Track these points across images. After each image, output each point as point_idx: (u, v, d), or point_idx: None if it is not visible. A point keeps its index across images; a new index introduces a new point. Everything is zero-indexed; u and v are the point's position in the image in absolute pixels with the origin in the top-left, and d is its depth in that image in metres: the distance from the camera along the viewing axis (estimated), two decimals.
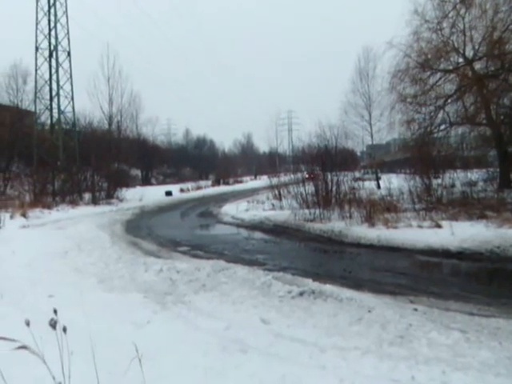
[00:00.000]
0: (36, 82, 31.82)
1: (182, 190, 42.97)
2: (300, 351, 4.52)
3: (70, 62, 31.99)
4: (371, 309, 5.84)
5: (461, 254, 9.65)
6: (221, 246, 12.39)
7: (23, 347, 1.93)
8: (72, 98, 32.05)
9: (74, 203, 27.40)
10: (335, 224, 13.86)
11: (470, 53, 16.42)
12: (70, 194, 28.74)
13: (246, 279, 7.63)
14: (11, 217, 18.63)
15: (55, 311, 2.08)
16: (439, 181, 16.24)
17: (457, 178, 16.33)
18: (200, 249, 11.99)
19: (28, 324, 2.03)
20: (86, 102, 42.08)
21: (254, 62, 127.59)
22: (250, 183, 54.07)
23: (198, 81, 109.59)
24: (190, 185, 46.31)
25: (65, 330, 2.09)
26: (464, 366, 4.05)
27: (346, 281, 7.79)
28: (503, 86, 15.39)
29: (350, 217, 14.06)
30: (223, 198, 30.22)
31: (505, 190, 15.45)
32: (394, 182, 18.28)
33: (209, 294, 6.94)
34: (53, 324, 2.02)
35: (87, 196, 29.59)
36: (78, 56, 33.36)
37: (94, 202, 28.92)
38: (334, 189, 16.51)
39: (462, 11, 15.58)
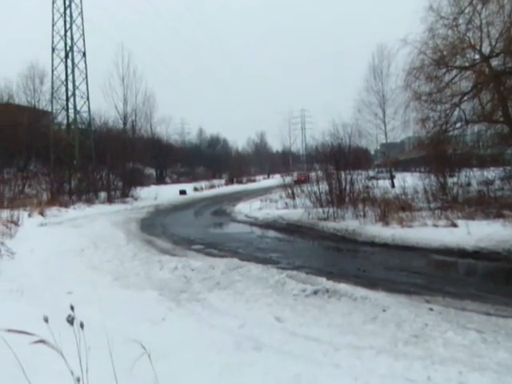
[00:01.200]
0: (52, 82, 32.25)
1: (195, 189, 43.26)
2: (314, 349, 4.50)
3: (85, 62, 32.49)
4: (386, 308, 5.82)
5: (477, 254, 9.57)
6: (235, 245, 12.46)
7: (41, 341, 1.94)
8: (87, 98, 32.48)
9: (89, 202, 27.84)
10: (349, 223, 13.88)
11: (486, 49, 16.11)
12: (85, 193, 29.11)
13: (259, 277, 7.66)
14: (29, 215, 18.93)
15: (72, 307, 2.10)
16: (455, 179, 16.12)
17: (473, 177, 16.17)
18: (214, 247, 12.07)
19: (46, 320, 2.05)
20: (102, 102, 43.16)
21: (267, 61, 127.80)
22: (263, 182, 54.23)
23: (211, 80, 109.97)
24: (203, 184, 46.58)
25: (82, 325, 2.11)
26: (481, 366, 3.99)
27: (360, 280, 7.78)
28: None
29: (364, 216, 14.05)
30: (236, 197, 30.41)
31: None
32: (409, 181, 18.18)
33: (223, 292, 6.97)
34: (70, 320, 2.05)
35: (103, 195, 29.98)
36: (93, 56, 33.85)
37: (110, 200, 29.33)
38: (347, 187, 16.52)
39: (479, 7, 15.31)
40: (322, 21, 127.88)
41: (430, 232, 11.17)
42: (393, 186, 22.67)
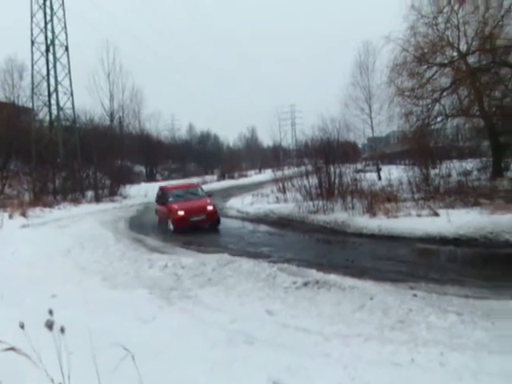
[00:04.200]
0: (33, 77, 30.79)
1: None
2: (305, 341, 4.67)
3: (68, 56, 31.14)
4: (373, 296, 6.05)
5: (457, 241, 10.06)
6: (226, 240, 12.67)
7: (11, 349, 1.95)
8: (71, 94, 31.27)
9: (76, 201, 27.05)
10: (338, 215, 14.17)
11: (463, 47, 16.82)
12: (71, 192, 28.24)
13: (251, 272, 7.77)
14: (10, 216, 18.35)
15: (51, 312, 2.07)
16: (436, 171, 16.75)
17: (453, 168, 16.76)
18: (205, 243, 12.14)
19: (22, 326, 2.04)
20: (87, 98, 41.30)
21: (257, 57, 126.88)
22: (254, 177, 53.95)
23: (201, 76, 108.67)
24: (195, 180, 46.55)
25: (63, 330, 2.03)
26: (460, 346, 4.29)
27: (349, 270, 8.06)
28: (495, 79, 15.85)
29: (353, 207, 14.42)
30: (228, 193, 30.08)
31: (497, 178, 16.01)
32: (394, 173, 18.69)
33: (214, 288, 7.06)
34: (49, 325, 1.99)
35: (90, 194, 29.09)
36: (77, 51, 32.29)
37: (97, 199, 28.56)
38: (336, 181, 16.81)
39: (456, 7, 15.95)
40: (313, 17, 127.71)
41: (414, 222, 11.56)
42: (379, 178, 23.22)
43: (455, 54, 17.07)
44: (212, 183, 46.39)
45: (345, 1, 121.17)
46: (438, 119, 17.86)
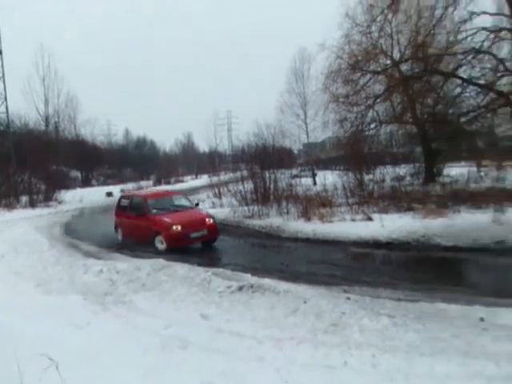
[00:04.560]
0: None
1: (123, 191, 42.09)
2: (239, 345, 4.65)
3: (1, 60, 30.12)
4: (307, 300, 5.97)
5: (390, 245, 10.22)
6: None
7: None
8: (5, 99, 30.43)
9: (10, 206, 26.26)
10: (273, 220, 14.16)
11: (397, 55, 17.29)
12: (5, 197, 27.36)
13: (186, 277, 7.63)
14: None
15: None
16: (371, 176, 17.05)
17: (387, 173, 17.15)
18: (141, 248, 11.84)
19: None
20: (21, 103, 39.90)
21: (193, 62, 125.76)
22: (191, 182, 53.63)
23: (138, 81, 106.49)
24: (131, 185, 45.39)
25: None
26: (392, 348, 4.30)
27: (284, 274, 8.05)
28: (426, 87, 16.42)
29: (288, 212, 14.42)
30: None
31: (429, 184, 16.50)
32: (329, 178, 18.87)
33: (149, 293, 6.95)
34: None
35: (24, 199, 28.33)
36: (12, 55, 31.95)
37: (32, 204, 27.78)
38: (271, 186, 16.80)
39: (389, 16, 16.31)
40: (250, 24, 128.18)
41: (348, 226, 11.69)
42: (315, 183, 23.46)
43: (389, 61, 17.47)
44: (148, 189, 45.40)
45: (285, 9, 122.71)
46: (372, 125, 18.19)
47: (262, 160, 17.37)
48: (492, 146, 18.33)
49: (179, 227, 11.38)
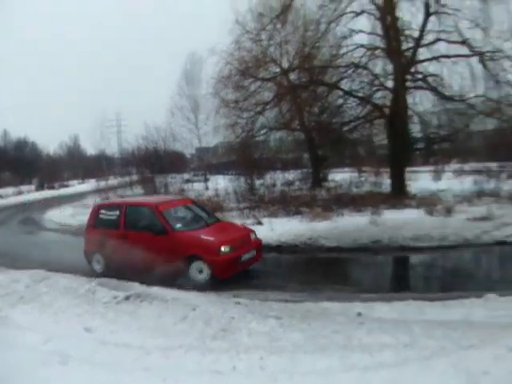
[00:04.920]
0: None
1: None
2: (124, 356, 4.53)
3: None
4: (196, 307, 5.91)
5: (279, 248, 10.49)
6: (43, 254, 11.60)
7: None
8: None
9: None
10: None
11: (286, 64, 17.88)
12: None
13: (68, 288, 7.26)
14: None
15: None
16: (262, 181, 17.47)
17: (277, 178, 17.69)
18: (20, 258, 11.18)
19: None
20: None
21: (81, 63, 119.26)
22: (77, 187, 50.81)
23: (18, 79, 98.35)
24: (10, 190, 41.84)
25: None
26: (278, 349, 4.39)
27: (172, 281, 7.77)
28: (313, 96, 17.11)
29: None
30: (48, 204, 27.81)
31: (316, 188, 17.35)
32: (221, 183, 19.07)
33: (27, 307, 6.52)
34: None
35: None
36: None
37: None
38: (162, 190, 16.54)
39: (278, 26, 16.78)
40: (143, 25, 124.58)
41: None
42: (207, 188, 23.53)
43: (278, 70, 17.99)
44: (30, 193, 42.29)
45: (181, 8, 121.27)
46: (263, 131, 18.66)
47: (153, 164, 17.00)
48: (371, 154, 19.79)
49: (228, 248, 8.09)
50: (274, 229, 11.17)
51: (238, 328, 5.08)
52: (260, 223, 12.13)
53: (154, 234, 8.41)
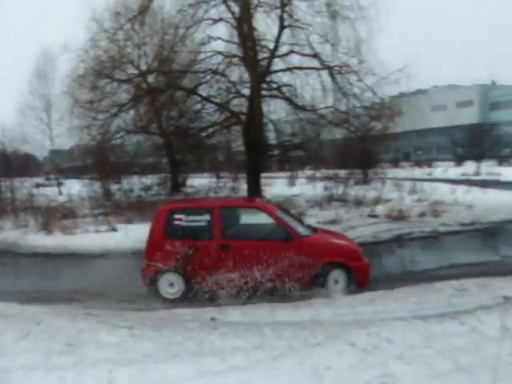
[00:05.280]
0: None
1: None
2: None
3: None
4: (40, 321, 5.54)
5: (135, 254, 10.05)
6: None
7: None
8: None
9: None
10: (8, 234, 12.95)
11: (144, 66, 17.66)
12: None
13: None
14: None
15: None
16: (119, 186, 17.00)
17: (135, 183, 17.36)
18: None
19: None
20: None
21: None
22: None
23: None
24: None
25: None
26: (128, 360, 4.25)
27: (18, 295, 7.32)
28: (171, 100, 17.15)
29: (26, 225, 13.48)
30: None
31: (175, 193, 17.38)
32: (76, 188, 18.17)
33: None
34: None
35: None
36: None
37: None
38: (9, 196, 15.32)
39: (136, 26, 16.50)
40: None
41: (92, 238, 11.61)
42: (60, 193, 22.21)
43: (136, 71, 17.64)
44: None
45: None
46: (119, 134, 18.17)
47: None
48: (229, 160, 20.43)
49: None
50: (130, 235, 11.00)
51: (85, 341, 4.83)
52: (115, 230, 11.91)
53: (275, 241, 6.92)
